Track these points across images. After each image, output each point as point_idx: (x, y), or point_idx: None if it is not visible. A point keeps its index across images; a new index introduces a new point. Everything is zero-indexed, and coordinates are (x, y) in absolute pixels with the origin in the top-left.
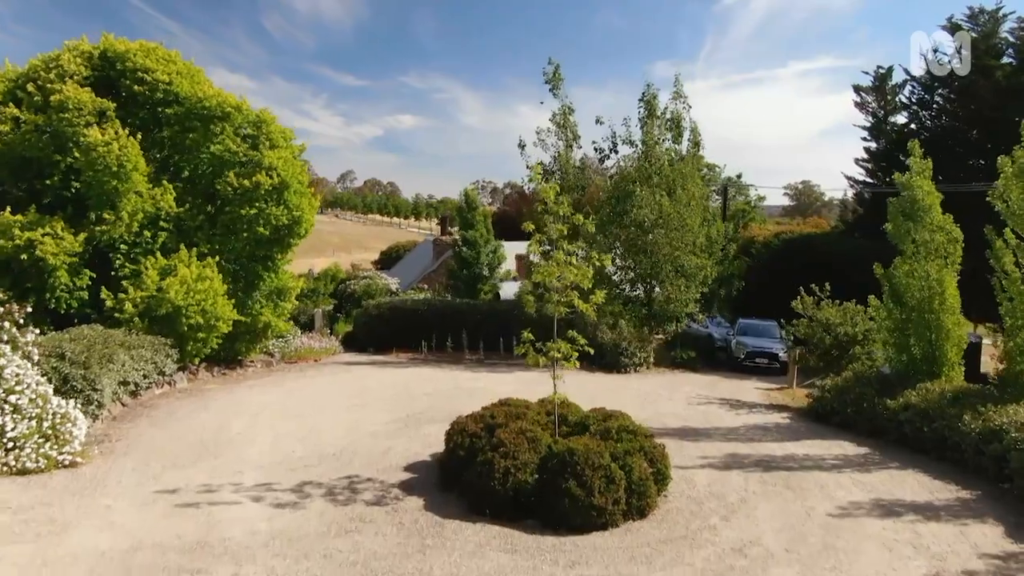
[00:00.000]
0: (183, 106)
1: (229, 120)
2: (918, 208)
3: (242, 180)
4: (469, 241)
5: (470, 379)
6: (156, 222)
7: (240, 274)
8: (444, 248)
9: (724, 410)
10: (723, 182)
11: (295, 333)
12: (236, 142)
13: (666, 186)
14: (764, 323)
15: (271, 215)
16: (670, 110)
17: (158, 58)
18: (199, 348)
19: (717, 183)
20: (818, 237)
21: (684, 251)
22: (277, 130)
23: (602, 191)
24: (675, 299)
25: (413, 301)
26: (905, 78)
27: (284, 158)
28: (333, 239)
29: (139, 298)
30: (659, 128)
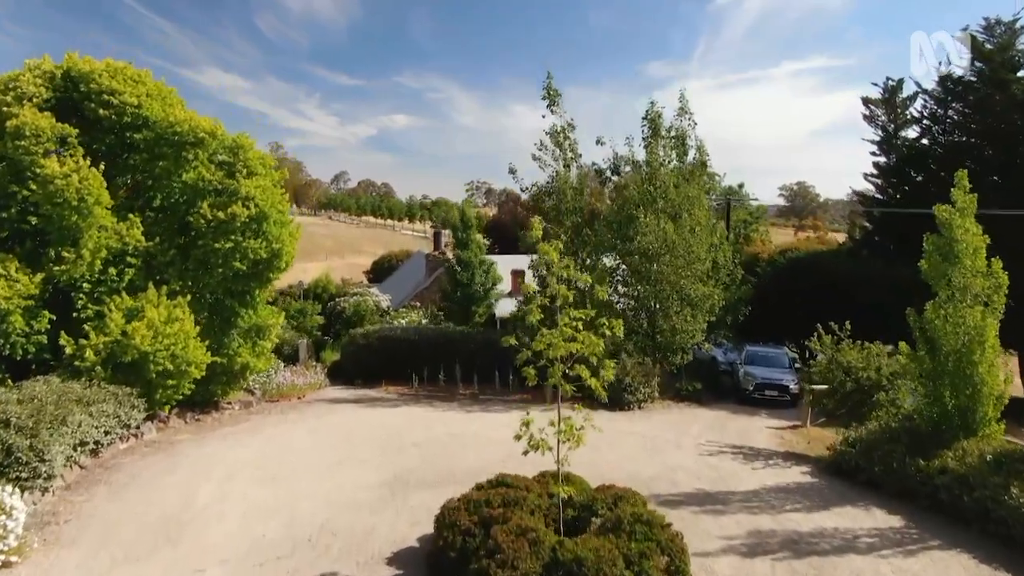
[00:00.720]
0: (153, 131)
1: (203, 146)
2: (959, 250)
3: (216, 212)
4: (463, 261)
5: (464, 422)
6: (123, 257)
7: (215, 311)
8: (437, 264)
9: (738, 463)
10: (723, 191)
11: (277, 367)
12: (210, 170)
13: (671, 210)
14: (772, 351)
15: (248, 248)
16: (675, 127)
17: (126, 79)
18: (169, 395)
19: (717, 192)
20: (825, 256)
21: (691, 280)
22: (255, 156)
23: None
24: (681, 330)
25: (403, 330)
26: (916, 90)
27: (263, 187)
28: (326, 242)
29: (102, 344)
30: (664, 148)
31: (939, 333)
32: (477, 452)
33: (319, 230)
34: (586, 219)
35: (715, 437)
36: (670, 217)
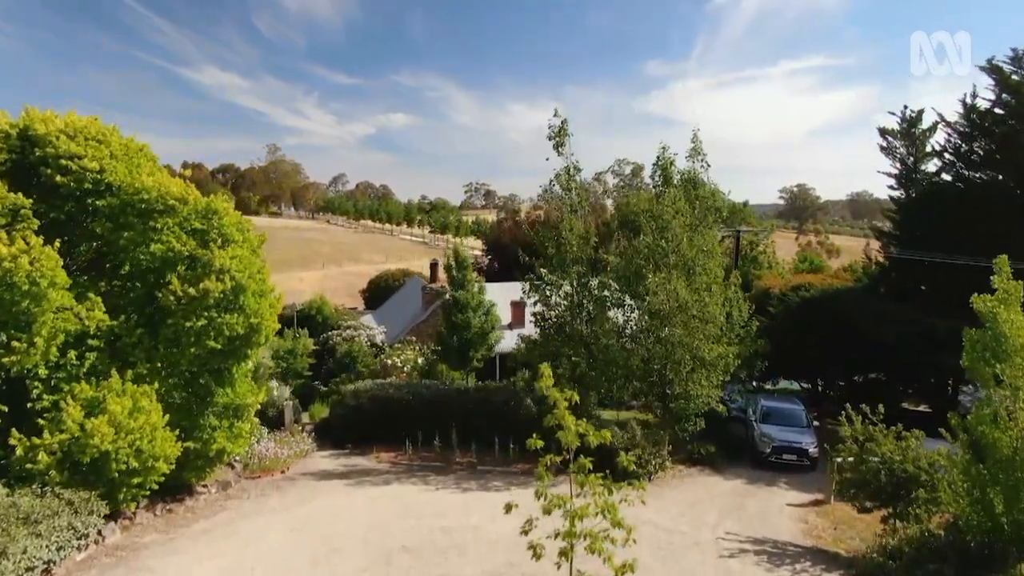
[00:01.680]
0: (117, 197)
1: (173, 213)
2: (1008, 347)
3: (188, 287)
4: (460, 303)
5: (461, 509)
6: (83, 340)
7: (188, 388)
8: (433, 297)
9: (763, 569)
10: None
11: (261, 434)
12: (181, 239)
13: (684, 266)
14: (789, 406)
15: (224, 324)
16: (688, 171)
17: (88, 139)
18: (135, 493)
19: (722, 208)
20: (842, 294)
21: (705, 341)
22: (231, 222)
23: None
24: (695, 395)
25: (396, 388)
26: (936, 120)
27: (239, 256)
28: (324, 249)
29: (57, 443)
30: (674, 199)
31: (988, 439)
32: (477, 558)
33: (317, 235)
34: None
35: (735, 526)
36: (683, 271)
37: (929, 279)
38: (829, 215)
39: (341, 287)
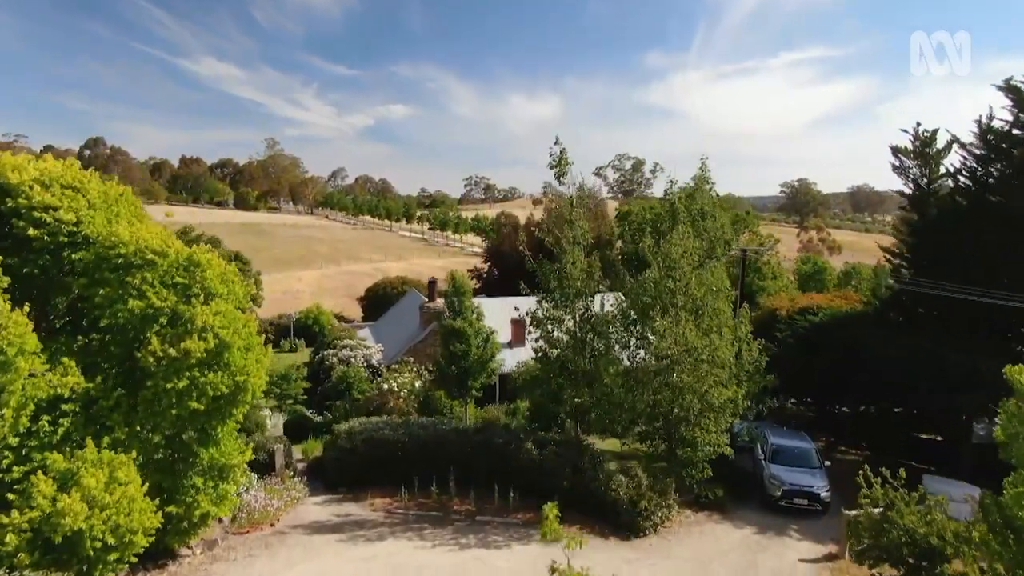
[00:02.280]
0: (93, 251)
1: (152, 268)
2: None
3: (168, 348)
4: (458, 332)
5: (458, 569)
6: (57, 404)
7: (170, 448)
8: (431, 316)
9: None
10: (732, 216)
11: (250, 481)
12: (161, 294)
13: (692, 306)
14: (800, 444)
15: (207, 383)
16: (697, 204)
17: (64, 188)
18: (113, 567)
19: (731, 240)
20: (850, 320)
21: (715, 386)
22: (215, 274)
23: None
24: (703, 443)
25: (391, 428)
26: (950, 139)
27: (223, 312)
28: (322, 248)
29: (27, 523)
30: (682, 235)
31: (1021, 518)
32: None
33: (316, 233)
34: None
35: None
36: (691, 311)
37: (943, 306)
38: (830, 209)
39: (340, 287)
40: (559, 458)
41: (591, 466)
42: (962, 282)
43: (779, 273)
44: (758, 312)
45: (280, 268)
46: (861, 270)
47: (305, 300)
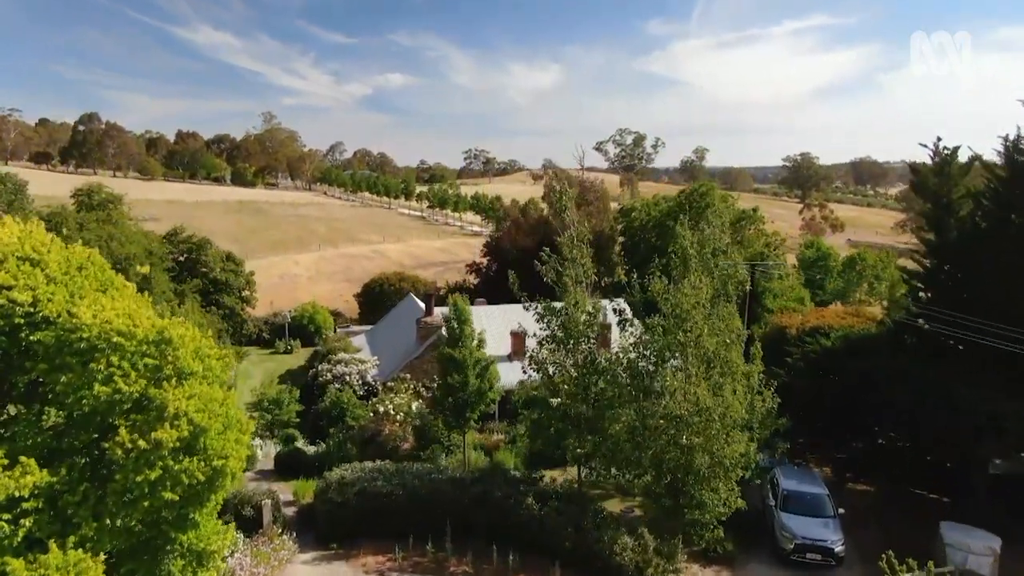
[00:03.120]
0: (54, 332)
1: (119, 351)
2: None
3: (137, 439)
4: (456, 362)
5: None
6: (17, 503)
7: (141, 541)
8: (428, 332)
9: None
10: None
11: (235, 544)
12: (130, 378)
13: (703, 358)
14: (812, 490)
15: (182, 471)
16: (708, 249)
17: (20, 261)
18: None
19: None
20: (863, 344)
21: (726, 444)
22: (189, 351)
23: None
24: (713, 504)
25: (384, 478)
26: (972, 157)
27: (199, 394)
28: (320, 228)
29: None
30: (694, 284)
31: None
32: None
33: (313, 212)
34: None
35: None
36: (702, 363)
37: (962, 336)
38: (832, 182)
39: (338, 270)
40: (561, 516)
41: (594, 526)
42: (982, 307)
43: (785, 274)
44: (766, 328)
45: (277, 251)
46: (866, 255)
47: (303, 285)
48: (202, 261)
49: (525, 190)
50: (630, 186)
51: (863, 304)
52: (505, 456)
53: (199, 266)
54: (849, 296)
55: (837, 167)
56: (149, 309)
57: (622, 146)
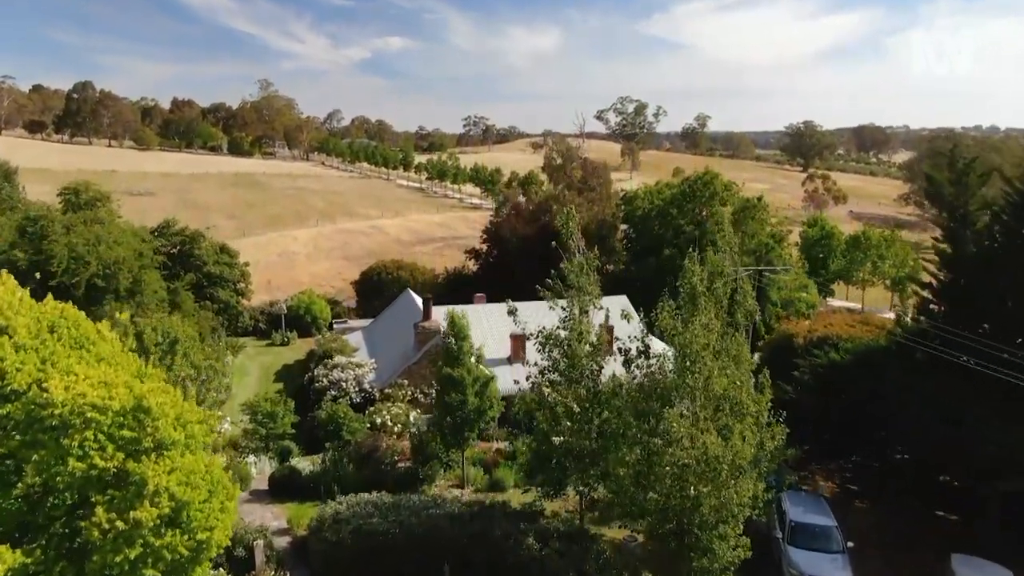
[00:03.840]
0: (23, 406)
1: (93, 426)
2: None
3: (115, 519)
4: (455, 381)
5: None
6: None
7: None
8: (427, 336)
9: None
10: (740, 202)
11: None
12: (106, 452)
13: (713, 402)
14: (820, 522)
15: (163, 547)
16: (719, 284)
17: None
18: None
19: (753, 312)
20: (871, 357)
21: (735, 493)
22: (169, 422)
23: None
24: (720, 553)
25: (381, 515)
26: (990, 167)
27: (180, 467)
28: (318, 203)
29: None
30: (704, 325)
31: None
32: None
33: (311, 184)
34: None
35: None
36: (711, 408)
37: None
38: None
39: (336, 247)
40: (563, 558)
41: (596, 569)
42: (998, 323)
43: (790, 261)
44: (773, 336)
45: (275, 226)
46: (870, 234)
47: (300, 263)
48: (195, 255)
49: (525, 159)
50: (631, 156)
51: (866, 283)
52: (505, 473)
53: (192, 259)
54: (852, 275)
55: (840, 133)
56: (130, 365)
57: (623, 114)
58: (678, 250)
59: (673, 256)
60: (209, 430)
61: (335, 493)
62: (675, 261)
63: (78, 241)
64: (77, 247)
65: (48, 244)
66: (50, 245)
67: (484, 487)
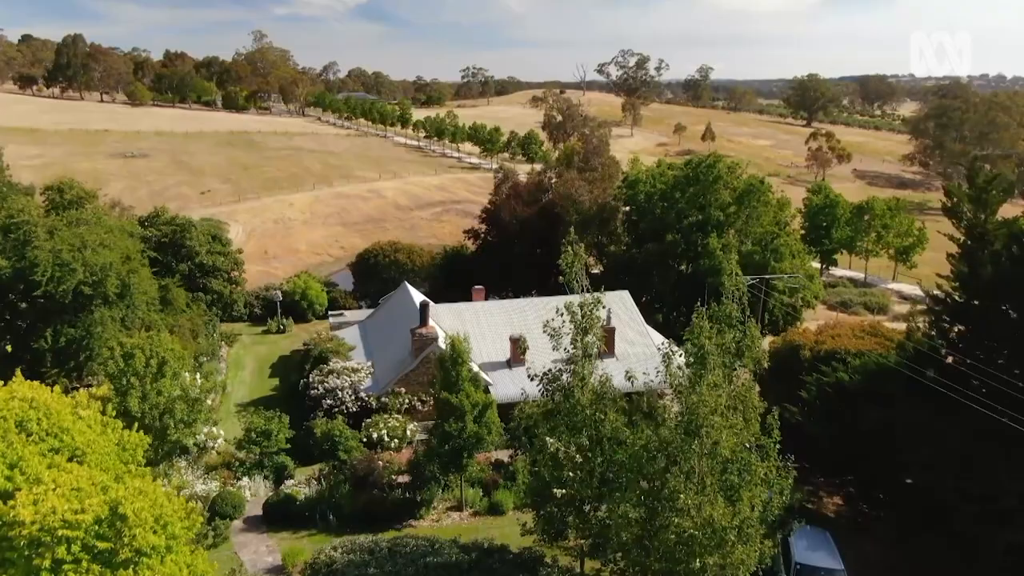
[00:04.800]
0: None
1: (66, 543)
2: None
3: None
4: (454, 408)
5: None
6: None
7: None
8: (424, 343)
9: None
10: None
11: None
12: (80, 565)
13: (720, 464)
14: (828, 566)
15: None
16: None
17: None
18: None
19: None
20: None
21: (742, 562)
22: (147, 528)
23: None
24: None
25: (377, 562)
26: (1010, 181)
27: (161, 573)
28: (314, 165)
29: None
30: (713, 389)
31: None
32: None
33: (307, 144)
34: None
35: None
36: (717, 466)
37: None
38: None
39: (333, 212)
40: None
41: None
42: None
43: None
44: (778, 344)
45: (271, 190)
46: (874, 205)
47: (297, 230)
48: (187, 245)
49: (525, 115)
50: (633, 111)
51: (870, 254)
52: (504, 497)
53: (184, 249)
54: (856, 245)
55: (844, 84)
56: (108, 452)
57: (624, 68)
58: (681, 235)
59: (676, 242)
60: (192, 524)
61: (332, 524)
62: (678, 247)
63: (63, 247)
64: (62, 253)
65: (32, 251)
66: (34, 252)
67: (483, 510)
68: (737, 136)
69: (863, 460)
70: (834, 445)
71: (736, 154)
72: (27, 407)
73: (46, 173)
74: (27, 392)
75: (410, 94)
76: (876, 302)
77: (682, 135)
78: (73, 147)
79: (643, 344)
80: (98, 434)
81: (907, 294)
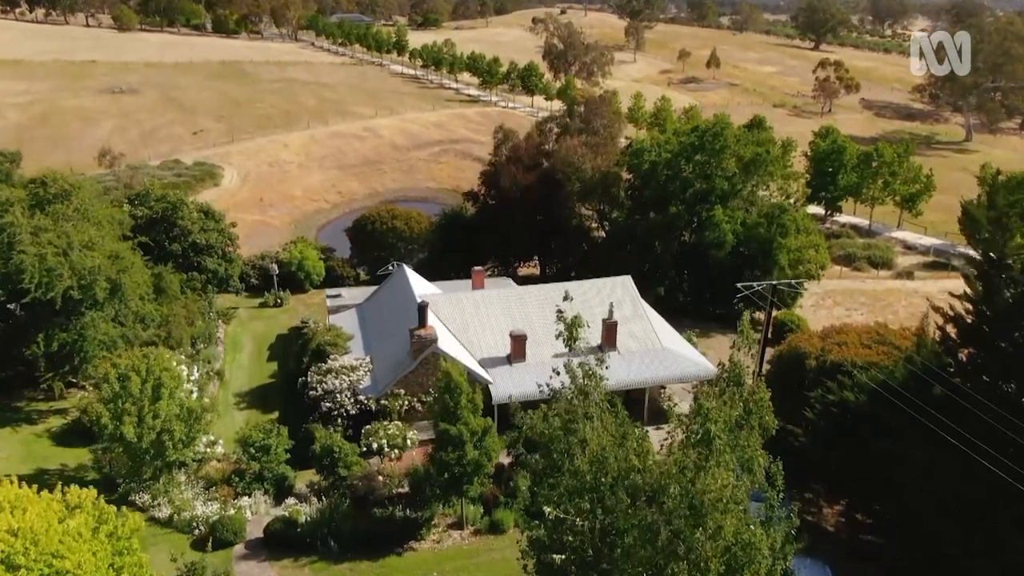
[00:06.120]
0: None
1: None
2: None
3: None
4: (453, 439)
5: None
6: None
7: None
8: (423, 344)
9: None
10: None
11: None
12: None
13: (723, 547)
14: None
15: None
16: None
17: None
18: None
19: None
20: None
21: None
22: None
23: None
24: None
25: None
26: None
27: None
28: (309, 101)
29: None
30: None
31: None
32: None
33: (300, 75)
34: None
35: None
36: (719, 551)
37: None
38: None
39: (329, 154)
40: None
41: None
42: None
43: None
44: (783, 349)
45: (266, 129)
46: (882, 150)
47: (293, 174)
48: (179, 225)
49: (524, 40)
50: (636, 35)
51: (876, 201)
52: (504, 517)
53: (176, 228)
54: (863, 192)
55: (854, 2)
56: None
57: None
58: (684, 206)
59: (679, 214)
60: None
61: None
62: (681, 219)
63: (47, 251)
64: (47, 258)
65: (17, 255)
66: (19, 256)
67: (484, 528)
68: (743, 62)
69: (866, 482)
70: (839, 467)
71: (741, 82)
72: (11, 539)
73: (32, 112)
74: (7, 519)
75: (406, 13)
76: (880, 256)
77: (686, 61)
78: (59, 81)
79: (646, 338)
80: (89, 538)
81: (911, 243)
